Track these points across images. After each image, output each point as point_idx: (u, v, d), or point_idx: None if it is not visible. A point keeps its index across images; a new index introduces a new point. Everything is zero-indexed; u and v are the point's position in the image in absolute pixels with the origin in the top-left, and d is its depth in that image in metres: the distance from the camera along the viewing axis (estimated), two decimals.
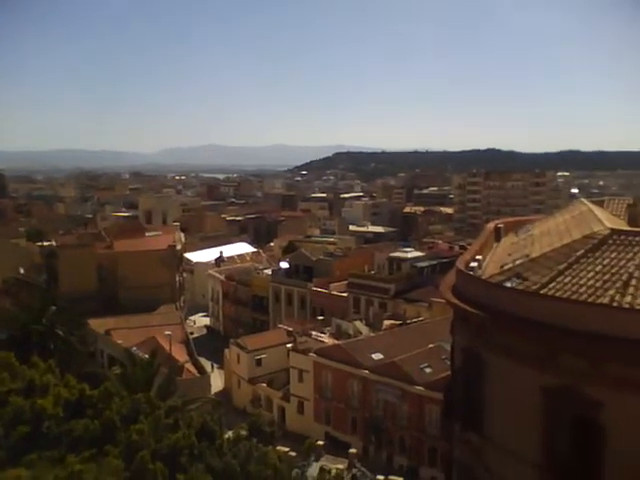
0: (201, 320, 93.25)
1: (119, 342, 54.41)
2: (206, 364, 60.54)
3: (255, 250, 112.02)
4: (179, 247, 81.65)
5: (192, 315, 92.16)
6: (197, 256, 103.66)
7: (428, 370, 47.88)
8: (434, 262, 74.64)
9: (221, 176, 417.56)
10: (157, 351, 43.32)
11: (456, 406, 20.23)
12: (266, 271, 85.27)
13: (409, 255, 77.28)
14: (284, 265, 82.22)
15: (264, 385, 60.21)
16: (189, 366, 50.62)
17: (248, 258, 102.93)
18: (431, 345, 50.34)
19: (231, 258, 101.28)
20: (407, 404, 48.22)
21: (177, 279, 77.16)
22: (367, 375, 50.64)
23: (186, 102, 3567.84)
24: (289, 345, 58.64)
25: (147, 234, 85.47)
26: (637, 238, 16.84)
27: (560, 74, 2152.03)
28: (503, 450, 17.14)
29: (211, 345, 74.55)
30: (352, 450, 44.10)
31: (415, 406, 47.68)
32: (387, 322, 61.09)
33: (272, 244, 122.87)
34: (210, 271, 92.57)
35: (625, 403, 14.36)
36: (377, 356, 51.68)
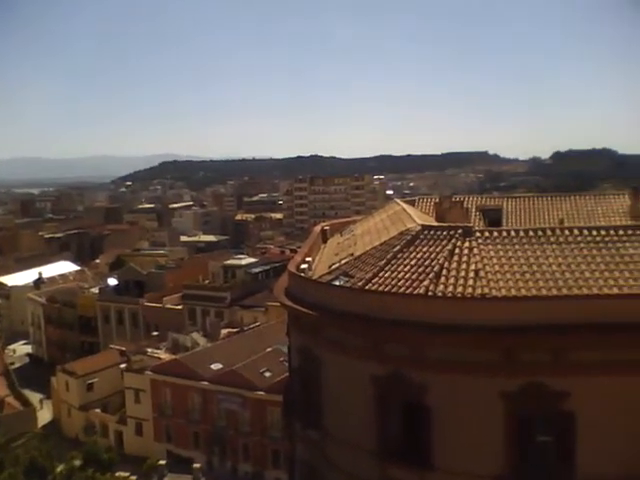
0: (22, 348, 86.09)
1: None
2: (32, 396, 56.01)
3: (79, 268, 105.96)
4: None
5: (11, 344, 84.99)
6: (13, 279, 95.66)
7: (268, 374, 48.52)
8: (267, 267, 76.05)
9: (36, 190, 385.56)
10: None
11: (296, 405, 20.65)
12: (93, 290, 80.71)
13: (243, 262, 77.91)
14: (112, 282, 78.49)
15: (97, 411, 56.98)
16: (11, 400, 46.65)
17: (72, 277, 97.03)
18: (269, 349, 51.09)
19: (52, 279, 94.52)
20: (249, 410, 48.46)
21: None
22: (207, 386, 50.05)
23: None
24: (123, 366, 56.13)
25: None
26: (444, 232, 18.44)
27: (366, 81, 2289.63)
28: (342, 443, 17.61)
29: (35, 374, 69.08)
30: (196, 465, 43.46)
31: (257, 411, 48.07)
32: (225, 331, 60.89)
33: (98, 260, 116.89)
34: (29, 294, 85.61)
35: (445, 384, 15.44)
36: (216, 366, 51.30)
